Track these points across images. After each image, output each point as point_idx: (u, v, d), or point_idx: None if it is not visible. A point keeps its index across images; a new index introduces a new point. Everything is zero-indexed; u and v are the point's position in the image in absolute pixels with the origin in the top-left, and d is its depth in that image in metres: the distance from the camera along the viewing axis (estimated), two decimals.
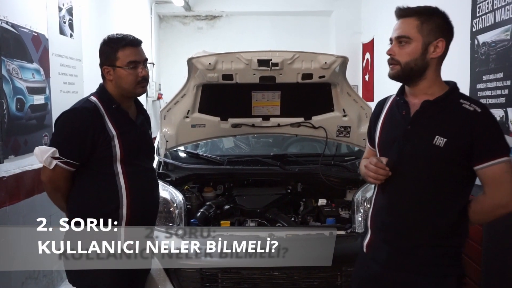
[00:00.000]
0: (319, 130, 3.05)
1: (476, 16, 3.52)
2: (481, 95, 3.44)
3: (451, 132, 1.44)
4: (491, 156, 1.42)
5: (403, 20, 1.50)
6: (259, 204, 2.81)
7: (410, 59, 1.48)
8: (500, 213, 1.49)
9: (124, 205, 1.83)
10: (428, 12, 1.49)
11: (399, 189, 1.54)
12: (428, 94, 1.51)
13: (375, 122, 1.68)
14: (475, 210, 1.51)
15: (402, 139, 1.52)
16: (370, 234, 1.65)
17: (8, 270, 2.61)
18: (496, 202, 1.46)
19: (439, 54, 1.49)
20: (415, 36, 1.47)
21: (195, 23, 7.52)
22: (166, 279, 2.27)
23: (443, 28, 1.49)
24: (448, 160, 1.46)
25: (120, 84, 1.86)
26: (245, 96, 2.90)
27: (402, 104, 1.57)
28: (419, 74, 1.50)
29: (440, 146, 1.44)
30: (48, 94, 3.19)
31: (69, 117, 1.82)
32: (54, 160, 1.75)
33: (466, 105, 1.46)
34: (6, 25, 2.65)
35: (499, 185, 1.44)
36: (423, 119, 1.50)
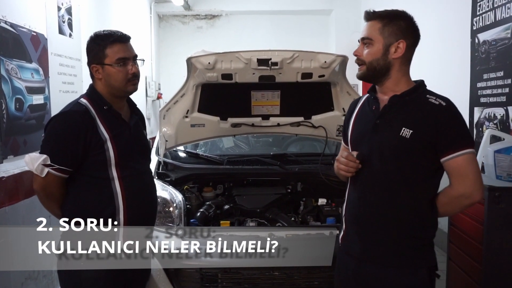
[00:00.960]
0: (319, 130, 3.05)
1: (477, 15, 3.52)
2: (482, 94, 3.43)
3: (417, 124, 1.51)
4: (455, 148, 1.48)
5: (368, 23, 1.59)
6: (259, 204, 2.80)
7: (372, 59, 1.56)
8: (465, 204, 1.55)
9: (120, 211, 1.76)
10: (391, 16, 1.57)
11: (369, 182, 1.60)
12: (396, 91, 1.58)
13: (348, 120, 1.75)
14: (442, 202, 1.57)
15: (372, 133, 1.59)
16: (344, 227, 1.70)
17: (7, 270, 2.61)
18: (461, 193, 1.52)
19: (400, 54, 1.55)
20: (377, 38, 1.55)
21: (194, 23, 7.52)
22: (166, 279, 2.26)
23: (405, 30, 1.56)
24: (415, 152, 1.51)
25: (110, 82, 1.77)
26: (245, 96, 2.89)
27: (372, 100, 1.65)
28: (383, 73, 1.57)
29: (407, 137, 1.50)
30: (47, 94, 3.18)
31: (58, 122, 1.74)
32: (45, 168, 1.68)
33: (432, 99, 1.54)
34: (5, 24, 2.65)
35: (463, 176, 1.49)
36: (391, 113, 1.57)
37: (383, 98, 1.61)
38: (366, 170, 1.58)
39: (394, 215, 1.55)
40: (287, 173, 3.00)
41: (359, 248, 1.61)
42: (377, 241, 1.58)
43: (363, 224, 1.62)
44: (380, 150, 1.56)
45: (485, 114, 3.39)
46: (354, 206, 1.65)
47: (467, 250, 2.67)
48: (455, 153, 1.48)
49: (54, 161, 1.68)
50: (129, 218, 1.78)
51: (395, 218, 1.55)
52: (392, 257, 1.56)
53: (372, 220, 1.59)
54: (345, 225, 1.70)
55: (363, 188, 1.62)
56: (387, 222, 1.56)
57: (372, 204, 1.59)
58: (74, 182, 1.77)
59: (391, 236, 1.56)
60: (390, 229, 1.56)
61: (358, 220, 1.63)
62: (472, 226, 2.60)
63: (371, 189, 1.60)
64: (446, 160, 1.50)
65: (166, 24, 7.54)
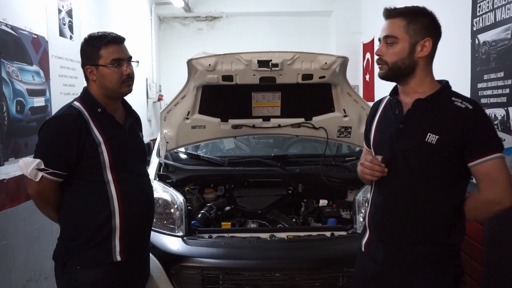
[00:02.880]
0: (320, 131, 3.05)
1: (477, 15, 3.52)
2: (482, 95, 3.43)
3: (443, 129, 1.46)
4: (484, 153, 1.43)
5: (390, 20, 1.53)
6: (260, 205, 2.80)
7: (397, 59, 1.51)
8: (495, 210, 1.49)
9: (116, 214, 1.74)
10: (414, 13, 1.51)
11: (394, 188, 1.56)
12: (420, 93, 1.53)
13: (371, 123, 1.71)
14: (470, 207, 1.52)
15: (395, 138, 1.54)
16: (368, 233, 1.66)
17: (9, 272, 2.61)
18: (490, 199, 1.47)
19: (427, 53, 1.51)
20: (402, 36, 1.50)
21: (195, 24, 7.52)
22: (167, 281, 2.26)
23: (430, 27, 1.51)
24: (441, 157, 1.47)
25: (104, 83, 1.76)
26: (245, 97, 2.89)
27: (395, 103, 1.60)
28: (408, 73, 1.52)
29: (432, 143, 1.46)
30: (48, 96, 3.19)
31: (52, 126, 1.72)
32: (39, 172, 1.66)
33: (457, 102, 1.48)
34: (5, 27, 2.65)
35: (492, 182, 1.44)
36: (415, 117, 1.52)
37: (406, 101, 1.56)
38: (390, 176, 1.54)
39: (418, 221, 1.51)
40: (288, 174, 3.01)
41: (383, 254, 1.58)
42: (402, 247, 1.54)
43: (387, 230, 1.58)
44: (405, 156, 1.52)
45: None
46: (378, 212, 1.61)
47: (468, 251, 2.67)
48: (484, 158, 1.43)
49: (48, 165, 1.67)
50: (124, 221, 1.76)
51: (420, 225, 1.51)
52: (416, 263, 1.52)
53: (397, 227, 1.55)
54: (369, 231, 1.65)
55: (387, 194, 1.58)
56: (412, 228, 1.53)
57: (397, 210, 1.55)
58: (69, 186, 1.76)
59: (417, 242, 1.52)
60: (415, 236, 1.52)
61: (382, 226, 1.60)
62: (473, 227, 2.60)
63: (396, 195, 1.56)
64: (474, 165, 1.45)
65: (167, 26, 7.54)
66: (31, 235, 2.87)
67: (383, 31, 1.54)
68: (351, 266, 2.02)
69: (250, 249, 2.33)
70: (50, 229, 3.00)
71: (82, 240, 1.74)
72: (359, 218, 2.54)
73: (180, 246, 2.34)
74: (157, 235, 2.40)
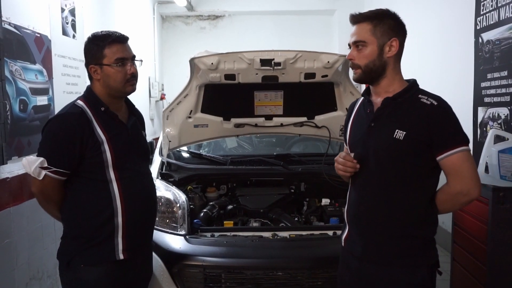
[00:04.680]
0: (322, 130, 3.05)
1: (480, 14, 3.50)
2: (486, 94, 3.42)
3: (409, 125, 1.52)
4: (450, 146, 1.50)
5: (357, 25, 1.61)
6: (262, 204, 2.80)
7: (368, 61, 1.58)
8: (464, 201, 1.56)
9: (118, 213, 1.75)
10: (379, 15, 1.59)
11: (367, 183, 1.62)
12: (389, 92, 1.60)
13: (347, 122, 1.79)
14: (441, 200, 1.58)
15: (367, 136, 1.62)
16: (347, 229, 1.72)
17: (12, 270, 2.62)
18: (458, 190, 1.53)
19: (395, 52, 1.58)
20: (370, 39, 1.57)
21: (197, 23, 7.53)
22: (169, 279, 2.26)
23: (395, 28, 1.58)
24: (409, 152, 1.53)
25: (108, 83, 1.76)
26: (248, 96, 2.89)
27: (367, 103, 1.68)
28: (380, 73, 1.60)
29: (400, 139, 1.52)
30: (51, 95, 3.20)
31: (55, 125, 1.73)
32: (43, 171, 1.67)
33: (423, 99, 1.55)
34: (9, 26, 2.66)
35: (459, 174, 1.51)
36: (384, 115, 1.59)
37: (376, 101, 1.64)
38: (364, 172, 1.61)
39: (392, 215, 1.57)
40: (290, 173, 3.00)
41: (361, 249, 1.64)
42: (377, 241, 1.60)
43: (363, 225, 1.64)
44: (376, 152, 1.58)
45: (489, 114, 3.38)
46: (354, 208, 1.68)
47: (471, 251, 2.66)
48: (449, 151, 1.50)
49: (51, 163, 1.68)
50: (127, 220, 1.77)
51: (394, 218, 1.57)
52: (392, 256, 1.58)
53: (371, 221, 1.61)
54: (348, 226, 1.71)
55: (362, 189, 1.65)
56: (386, 222, 1.59)
57: (371, 205, 1.61)
58: (72, 184, 1.76)
59: (391, 235, 1.58)
60: (389, 229, 1.58)
61: (358, 221, 1.66)
62: (476, 226, 2.59)
63: (369, 190, 1.62)
64: (441, 159, 1.51)
65: (169, 25, 7.55)
66: (34, 234, 2.88)
67: (352, 36, 1.62)
68: None
69: (252, 248, 2.33)
70: (53, 228, 3.01)
71: (85, 239, 1.75)
72: None
73: (183, 245, 2.34)
74: (160, 233, 2.40)
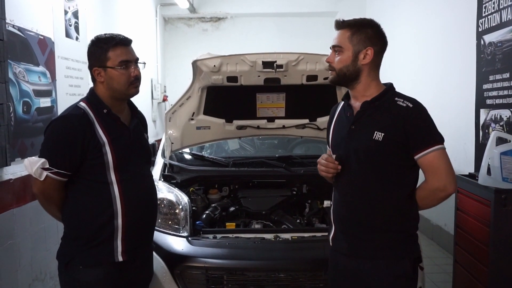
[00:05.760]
0: (324, 132, 3.03)
1: (482, 16, 3.50)
2: (488, 96, 3.42)
3: (387, 127, 1.61)
4: (426, 146, 1.58)
5: (338, 31, 1.69)
6: (264, 205, 2.81)
7: (342, 66, 1.66)
8: (441, 196, 1.64)
9: (119, 215, 1.75)
10: (359, 24, 1.66)
11: (349, 183, 1.70)
12: (367, 96, 1.68)
13: (330, 125, 1.87)
14: (420, 196, 1.67)
15: (348, 138, 1.69)
16: (333, 228, 1.78)
17: (15, 271, 2.63)
18: (435, 187, 1.62)
19: (369, 61, 1.65)
20: (346, 46, 1.65)
21: (200, 25, 7.54)
22: (171, 281, 2.27)
23: (373, 38, 1.65)
24: (388, 152, 1.62)
25: (112, 85, 1.77)
26: (250, 98, 2.90)
27: (347, 107, 1.75)
28: (353, 78, 1.67)
29: (379, 140, 1.61)
30: (54, 97, 3.21)
31: (57, 126, 1.73)
32: (44, 171, 1.68)
33: (400, 102, 1.63)
34: (12, 28, 2.67)
35: (435, 171, 1.60)
36: (364, 118, 1.67)
37: (355, 105, 1.71)
38: (346, 172, 1.69)
39: (374, 212, 1.65)
40: (292, 175, 3.00)
41: (347, 245, 1.71)
42: (361, 237, 1.68)
43: (347, 222, 1.72)
44: (356, 154, 1.66)
45: (491, 116, 3.37)
46: (338, 207, 1.75)
47: (473, 253, 2.66)
48: (425, 151, 1.58)
49: (53, 164, 1.69)
50: (127, 222, 1.77)
51: (376, 215, 1.65)
52: (375, 250, 1.66)
53: (354, 218, 1.69)
54: (334, 225, 1.78)
55: (344, 189, 1.73)
56: (368, 219, 1.66)
57: (353, 203, 1.69)
58: (73, 185, 1.77)
59: (374, 231, 1.66)
60: (371, 226, 1.66)
61: (342, 219, 1.73)
62: (478, 228, 2.59)
63: (351, 190, 1.70)
64: (418, 158, 1.60)
65: (172, 27, 7.57)
66: (37, 235, 2.89)
67: (332, 40, 1.70)
68: None
69: (255, 250, 2.33)
70: (56, 229, 3.02)
71: (84, 240, 1.75)
72: None
73: (185, 246, 2.35)
74: (162, 235, 2.41)
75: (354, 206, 1.69)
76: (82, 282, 1.74)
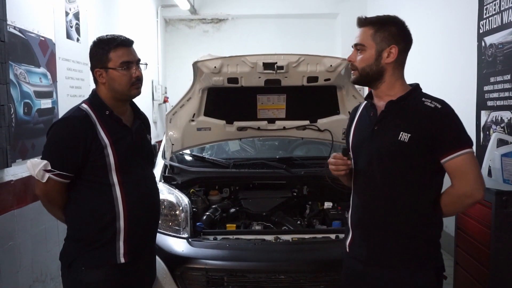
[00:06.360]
0: (325, 133, 3.05)
1: (483, 18, 3.50)
2: (488, 97, 3.42)
3: (414, 128, 1.53)
4: (454, 149, 1.50)
5: (360, 29, 1.63)
6: (265, 207, 2.81)
7: (365, 65, 1.60)
8: (467, 203, 1.56)
9: (121, 217, 1.75)
10: (382, 22, 1.61)
11: (370, 186, 1.62)
12: (391, 96, 1.61)
13: (350, 127, 1.79)
14: (445, 202, 1.58)
15: (370, 139, 1.62)
16: (350, 234, 1.71)
17: (16, 272, 2.63)
18: (462, 193, 1.53)
19: (393, 59, 1.58)
20: (369, 44, 1.59)
21: (201, 27, 7.55)
22: (172, 282, 2.27)
23: (397, 35, 1.59)
24: (414, 154, 1.54)
25: (113, 86, 1.77)
26: (251, 99, 2.90)
27: (370, 106, 1.68)
28: (377, 78, 1.61)
29: (405, 141, 1.53)
30: (55, 98, 3.22)
31: (59, 128, 1.74)
32: (46, 173, 1.68)
33: (427, 102, 1.56)
34: (13, 30, 2.68)
35: (463, 176, 1.51)
36: (388, 118, 1.59)
37: (379, 104, 1.64)
38: (366, 176, 1.62)
39: (396, 218, 1.58)
40: (293, 177, 3.00)
41: (365, 252, 1.63)
42: (382, 244, 1.60)
43: (367, 228, 1.64)
44: (379, 156, 1.58)
45: (492, 118, 3.37)
46: (358, 212, 1.67)
47: (474, 254, 2.65)
48: (453, 154, 1.50)
49: (55, 166, 1.69)
50: (129, 224, 1.77)
51: (398, 221, 1.57)
52: (397, 259, 1.58)
53: (376, 224, 1.61)
54: (351, 231, 1.70)
55: (364, 193, 1.65)
56: (390, 225, 1.58)
57: (374, 208, 1.61)
58: (76, 187, 1.77)
59: (395, 238, 1.58)
60: (394, 232, 1.58)
61: (362, 225, 1.66)
62: (479, 230, 2.58)
63: (373, 194, 1.62)
64: (445, 161, 1.52)
65: (173, 28, 7.58)
66: (38, 236, 2.89)
67: (354, 39, 1.64)
68: None
69: (255, 251, 2.33)
70: (57, 230, 3.02)
71: (87, 241, 1.75)
72: None
73: (185, 248, 2.35)
74: (162, 236, 2.41)
75: (375, 211, 1.61)
76: (85, 283, 1.74)
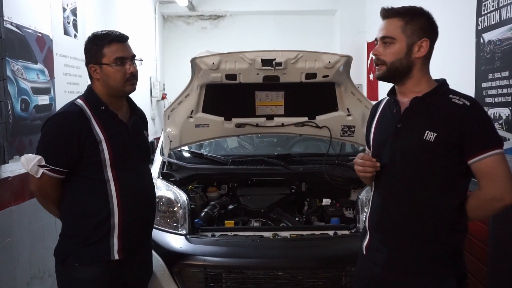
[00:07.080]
0: (323, 130, 3.05)
1: (481, 14, 3.50)
2: (487, 94, 3.42)
3: (441, 126, 1.44)
4: (483, 149, 1.41)
5: (387, 20, 1.52)
6: (263, 204, 2.81)
7: (395, 59, 1.50)
8: (497, 207, 1.45)
9: (115, 213, 1.74)
10: (412, 13, 1.50)
11: (392, 188, 1.55)
12: (417, 92, 1.52)
13: (370, 124, 1.71)
14: (472, 206, 1.49)
15: (393, 137, 1.53)
16: (368, 236, 1.64)
17: (13, 269, 2.63)
18: (491, 196, 1.44)
19: (424, 53, 1.50)
20: (399, 37, 1.49)
21: (199, 23, 7.52)
22: (170, 279, 2.27)
23: (427, 28, 1.50)
24: (439, 155, 1.45)
25: (108, 82, 1.76)
26: (249, 96, 2.90)
27: (393, 103, 1.59)
28: (405, 73, 1.51)
29: (431, 140, 1.44)
30: (53, 95, 3.20)
31: (53, 123, 1.73)
32: (40, 169, 1.67)
33: (455, 99, 1.46)
34: (10, 25, 2.66)
35: (493, 178, 1.42)
36: (412, 116, 1.51)
37: (403, 101, 1.55)
38: (389, 176, 1.54)
39: (419, 221, 1.49)
40: (291, 173, 3.00)
41: (385, 256, 1.55)
42: (403, 249, 1.52)
43: (388, 231, 1.56)
44: (403, 155, 1.50)
45: (490, 114, 3.37)
46: (378, 214, 1.60)
47: (472, 251, 2.66)
48: (483, 155, 1.40)
49: (49, 162, 1.68)
50: (123, 220, 1.76)
51: (420, 225, 1.49)
52: (418, 265, 1.50)
53: (396, 227, 1.53)
54: (369, 233, 1.63)
55: (386, 195, 1.57)
56: (412, 229, 1.51)
57: (396, 210, 1.53)
58: (70, 183, 1.76)
59: (417, 243, 1.50)
60: (416, 236, 1.50)
61: (382, 227, 1.58)
62: (477, 227, 2.59)
63: (394, 196, 1.54)
64: (473, 162, 1.42)
65: (171, 25, 7.55)
66: (36, 233, 2.88)
67: (380, 31, 1.54)
68: (353, 265, 2.01)
69: (253, 248, 2.33)
70: (55, 227, 3.02)
71: (81, 238, 1.75)
72: (363, 217, 2.53)
73: (183, 244, 2.35)
74: (160, 233, 2.41)
75: (396, 213, 1.52)
76: (78, 279, 1.74)
